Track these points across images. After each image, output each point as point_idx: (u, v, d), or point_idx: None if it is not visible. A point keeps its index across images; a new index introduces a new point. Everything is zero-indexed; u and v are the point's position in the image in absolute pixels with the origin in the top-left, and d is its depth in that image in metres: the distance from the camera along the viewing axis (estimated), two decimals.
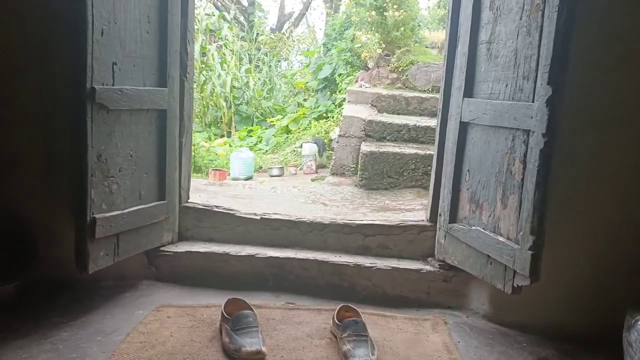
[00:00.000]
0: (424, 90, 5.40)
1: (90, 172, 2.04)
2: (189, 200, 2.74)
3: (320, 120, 6.71)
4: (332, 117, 6.50)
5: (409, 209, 3.46)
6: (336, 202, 3.70)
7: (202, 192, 3.35)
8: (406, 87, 5.53)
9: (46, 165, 2.35)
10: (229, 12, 9.55)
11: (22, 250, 2.24)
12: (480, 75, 2.25)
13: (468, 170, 2.32)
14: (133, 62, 2.23)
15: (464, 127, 2.33)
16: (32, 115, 2.32)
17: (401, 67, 5.57)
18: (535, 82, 1.91)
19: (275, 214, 2.76)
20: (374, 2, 5.79)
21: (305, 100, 8.05)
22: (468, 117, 2.28)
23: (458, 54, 2.38)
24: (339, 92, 6.69)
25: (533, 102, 1.92)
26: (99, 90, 2.03)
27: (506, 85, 2.08)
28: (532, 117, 1.90)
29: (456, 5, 2.39)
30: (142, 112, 2.30)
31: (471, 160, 2.30)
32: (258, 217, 2.69)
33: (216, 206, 2.75)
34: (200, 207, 2.71)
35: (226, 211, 2.71)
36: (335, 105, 6.79)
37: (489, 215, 2.16)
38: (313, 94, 7.84)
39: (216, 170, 5.31)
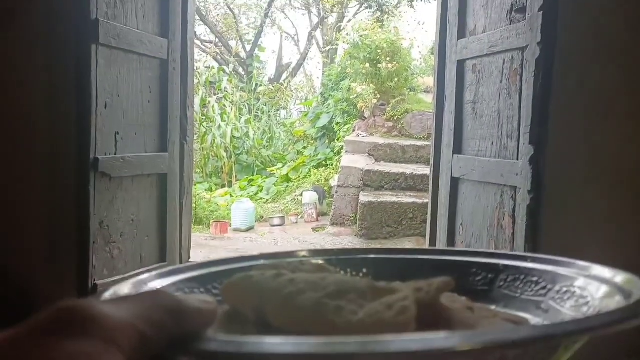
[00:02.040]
0: (420, 138, 5.53)
1: (93, 239, 2.11)
2: (189, 260, 2.79)
3: (320, 168, 6.82)
4: (332, 165, 6.61)
5: None
6: None
7: (203, 248, 3.41)
8: (402, 135, 5.66)
9: (51, 231, 2.41)
10: (228, 65, 9.83)
11: (24, 317, 2.27)
12: (467, 133, 2.35)
13: (461, 224, 2.38)
14: (135, 130, 2.33)
15: (455, 182, 2.41)
16: (37, 183, 2.40)
17: (396, 116, 5.71)
18: (518, 141, 2.00)
19: None
20: (368, 55, 6.00)
21: (304, 148, 8.19)
22: (458, 173, 2.36)
23: (446, 112, 2.49)
24: (337, 140, 6.83)
25: (517, 159, 2.00)
26: (102, 159, 2.12)
27: (492, 143, 2.17)
28: (517, 174, 1.98)
29: (441, 67, 2.51)
30: (143, 177, 2.39)
31: (464, 214, 2.37)
32: None
33: None
34: None
35: None
36: (334, 153, 6.92)
37: None
38: (312, 141, 7.99)
39: (217, 222, 5.36)
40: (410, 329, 0.29)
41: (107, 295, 0.33)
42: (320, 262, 0.45)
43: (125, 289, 0.36)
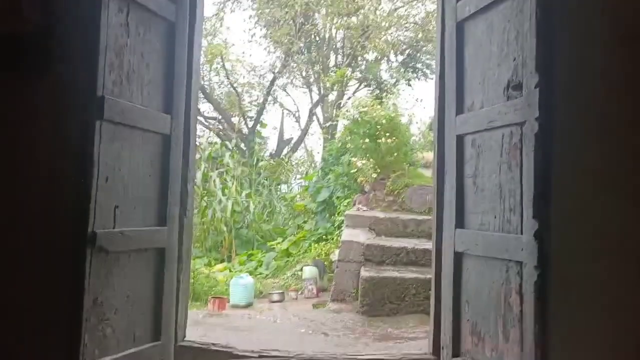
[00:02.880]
0: (420, 212, 5.50)
1: (85, 317, 2.03)
2: (185, 339, 2.68)
3: (320, 243, 6.74)
4: (332, 239, 6.55)
5: (412, 337, 3.37)
6: (337, 331, 3.61)
7: (200, 326, 3.30)
8: (403, 210, 5.64)
9: (43, 306, 2.33)
10: (230, 141, 10.02)
11: None
12: (469, 207, 2.33)
13: (467, 300, 2.30)
14: (134, 204, 2.32)
15: (458, 257, 2.36)
16: (32, 254, 2.34)
17: (397, 190, 5.73)
18: (521, 215, 1.98)
19: (274, 350, 2.69)
20: (367, 131, 6.12)
21: (305, 222, 8.16)
22: (461, 248, 2.32)
23: (447, 186, 2.48)
24: (338, 214, 6.81)
25: (521, 234, 1.97)
26: (100, 234, 2.09)
27: (494, 217, 2.14)
28: (522, 249, 1.94)
29: (441, 141, 2.54)
30: (141, 252, 2.34)
31: (468, 290, 2.30)
32: (256, 355, 2.62)
33: (213, 343, 2.69)
34: (197, 345, 2.65)
35: (223, 349, 2.65)
36: (335, 227, 6.87)
37: (492, 350, 2.11)
38: (312, 216, 7.97)
39: (216, 298, 5.22)
40: None
41: None
42: None
43: None
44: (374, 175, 5.92)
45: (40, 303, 2.33)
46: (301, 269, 5.96)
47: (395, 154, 6.00)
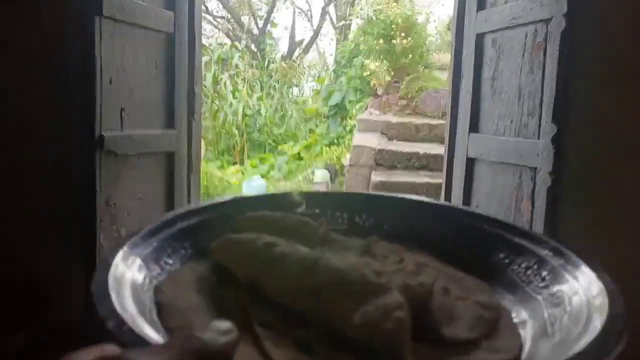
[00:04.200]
0: (434, 116, 5.40)
1: (99, 218, 2.07)
2: None
3: (332, 147, 6.74)
4: (344, 143, 6.53)
5: None
6: None
7: None
8: (416, 114, 5.54)
9: (58, 210, 2.38)
10: (240, 42, 9.70)
11: (33, 297, 2.26)
12: (485, 111, 2.25)
13: (476, 206, 2.30)
14: (141, 106, 2.27)
15: (470, 162, 2.32)
16: (43, 158, 2.36)
17: (410, 94, 5.58)
18: (539, 118, 1.90)
19: None
20: (382, 31, 5.85)
21: (316, 126, 8.10)
22: (474, 153, 2.27)
23: (462, 89, 2.38)
24: (350, 118, 6.73)
25: (538, 139, 1.91)
26: (108, 137, 2.06)
27: (511, 122, 2.07)
28: (538, 155, 1.89)
29: (459, 41, 2.40)
30: (150, 155, 2.33)
31: (479, 196, 2.28)
32: None
33: None
34: None
35: None
36: (346, 132, 6.83)
37: None
38: (324, 120, 7.89)
39: None
40: (406, 342, 0.30)
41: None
42: (303, 218, 0.46)
43: (119, 258, 0.36)
44: (388, 78, 5.76)
45: (55, 208, 2.37)
46: (313, 173, 6.01)
47: (410, 56, 5.78)
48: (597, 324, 0.31)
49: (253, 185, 5.59)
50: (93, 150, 2.02)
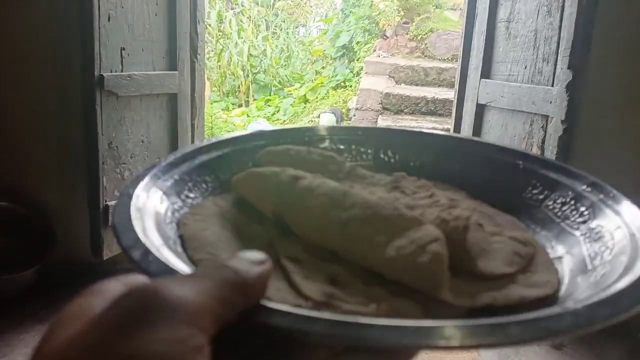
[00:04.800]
0: (444, 60, 5.26)
1: (102, 160, 2.05)
2: None
3: (338, 90, 6.62)
4: (350, 86, 6.40)
5: None
6: None
7: None
8: (425, 56, 5.39)
9: (61, 151, 2.36)
10: None
11: (40, 236, 2.28)
12: (498, 56, 2.17)
13: None
14: (142, 46, 2.20)
15: (480, 108, 2.26)
16: (46, 101, 2.32)
17: (420, 35, 5.41)
18: (555, 65, 1.83)
19: None
20: None
21: (323, 68, 7.93)
22: (485, 99, 2.21)
23: (476, 32, 2.29)
24: (357, 60, 6.57)
25: (553, 86, 1.84)
26: (107, 77, 2.01)
27: (525, 67, 2.00)
28: (551, 102, 1.83)
29: None
30: (152, 97, 2.28)
31: None
32: None
33: None
34: None
35: None
36: (354, 74, 6.68)
37: None
38: (331, 61, 7.71)
39: None
40: (444, 276, 0.29)
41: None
42: (328, 152, 0.44)
43: (140, 189, 0.35)
44: (397, 19, 5.56)
45: (58, 149, 2.36)
46: (318, 116, 5.93)
47: None
48: None
49: (258, 128, 5.54)
50: (93, 91, 1.98)
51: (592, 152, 2.06)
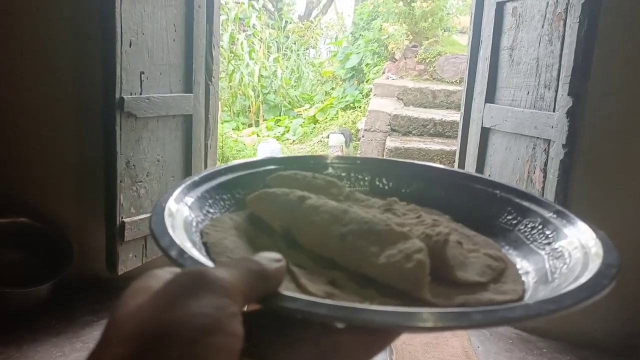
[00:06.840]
0: (452, 82, 5.35)
1: (119, 178, 2.13)
2: None
3: (348, 111, 6.72)
4: (359, 108, 6.50)
5: None
6: None
7: None
8: (433, 79, 5.48)
9: (80, 169, 2.46)
10: (257, 1, 9.55)
11: (57, 251, 2.36)
12: (502, 81, 2.24)
13: (489, 175, 2.32)
14: (160, 70, 2.30)
15: (485, 132, 2.33)
16: (66, 121, 2.42)
17: (429, 59, 5.51)
18: (556, 91, 1.90)
19: None
20: None
21: (332, 89, 8.05)
22: (489, 123, 2.28)
23: (480, 58, 2.37)
24: (366, 82, 6.67)
25: (554, 111, 1.91)
26: (127, 99, 2.11)
27: (527, 93, 2.07)
28: (552, 127, 1.90)
29: (479, 9, 2.37)
30: (168, 118, 2.37)
31: (492, 165, 2.30)
32: None
33: None
34: None
35: None
36: (363, 95, 6.78)
37: None
38: (340, 83, 7.83)
39: None
40: (425, 280, 0.34)
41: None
42: (330, 178, 0.51)
43: (172, 201, 0.42)
44: (406, 42, 5.68)
45: (77, 167, 2.45)
46: (327, 136, 6.02)
47: (430, 19, 5.67)
48: (593, 269, 0.35)
49: (268, 148, 5.63)
50: (113, 112, 2.07)
51: (593, 175, 2.12)
